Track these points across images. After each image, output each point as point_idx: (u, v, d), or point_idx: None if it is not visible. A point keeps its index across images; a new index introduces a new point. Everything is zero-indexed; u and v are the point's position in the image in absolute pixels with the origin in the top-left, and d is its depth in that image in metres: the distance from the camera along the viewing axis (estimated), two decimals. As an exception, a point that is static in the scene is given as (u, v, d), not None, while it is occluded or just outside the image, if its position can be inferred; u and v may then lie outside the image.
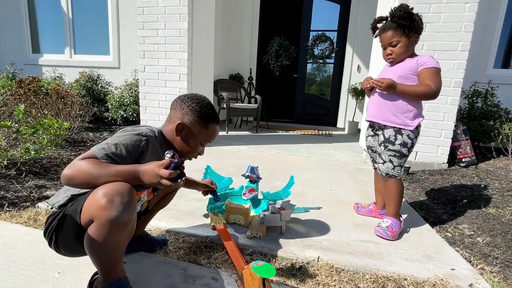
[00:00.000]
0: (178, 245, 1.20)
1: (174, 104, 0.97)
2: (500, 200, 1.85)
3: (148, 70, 3.14)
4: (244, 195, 1.49)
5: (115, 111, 3.80)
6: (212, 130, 0.99)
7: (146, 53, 3.11)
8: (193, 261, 1.10)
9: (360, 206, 1.64)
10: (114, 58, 4.51)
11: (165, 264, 1.06)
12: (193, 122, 0.94)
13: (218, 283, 0.98)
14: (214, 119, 0.98)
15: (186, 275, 1.00)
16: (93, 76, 4.11)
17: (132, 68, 4.31)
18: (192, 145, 0.97)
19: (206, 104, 0.97)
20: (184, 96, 0.98)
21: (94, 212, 0.71)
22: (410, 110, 1.32)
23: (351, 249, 1.24)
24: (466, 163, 2.61)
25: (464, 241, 1.42)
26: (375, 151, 1.48)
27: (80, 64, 4.60)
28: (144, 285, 0.93)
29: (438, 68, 1.27)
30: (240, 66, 5.55)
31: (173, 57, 3.04)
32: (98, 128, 3.86)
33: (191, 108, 0.94)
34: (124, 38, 4.43)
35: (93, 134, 3.42)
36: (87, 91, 3.99)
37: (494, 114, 2.90)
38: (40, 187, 1.77)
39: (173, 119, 0.96)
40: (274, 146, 3.34)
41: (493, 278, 1.11)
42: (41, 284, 0.91)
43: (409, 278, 1.06)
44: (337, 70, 5.38)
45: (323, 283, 1.01)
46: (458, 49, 2.35)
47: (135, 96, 3.69)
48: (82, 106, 3.27)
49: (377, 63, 2.74)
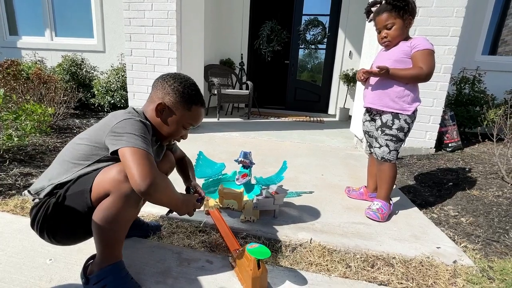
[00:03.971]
0: (171, 230, 1.20)
1: (156, 83, 0.92)
2: (483, 182, 1.93)
3: (135, 54, 3.02)
4: (237, 180, 1.49)
5: (102, 97, 3.67)
6: (196, 113, 0.93)
7: (132, 36, 2.98)
8: (187, 245, 1.10)
9: (351, 190, 1.67)
10: (98, 41, 4.31)
11: (159, 249, 1.06)
12: (174, 103, 0.89)
13: (213, 265, 0.99)
14: (198, 101, 0.93)
15: (181, 259, 1.01)
16: (77, 60, 3.94)
17: (118, 52, 4.14)
18: (174, 128, 0.92)
19: (190, 84, 0.92)
20: (166, 75, 0.93)
21: (111, 186, 0.73)
22: (408, 95, 1.33)
23: (343, 231, 1.27)
24: (452, 148, 2.69)
25: (449, 221, 1.48)
26: (372, 136, 1.50)
27: (62, 48, 4.37)
28: (138, 269, 0.93)
29: (431, 50, 1.27)
30: (231, 51, 5.42)
31: (161, 40, 2.92)
32: (85, 114, 3.74)
33: (173, 87, 0.89)
34: (109, 20, 4.22)
35: (79, 121, 3.31)
36: (71, 76, 3.82)
37: (481, 100, 2.97)
38: (25, 175, 1.71)
39: (153, 99, 0.90)
40: (266, 133, 3.33)
41: (475, 255, 1.17)
42: (32, 271, 0.90)
43: (398, 256, 1.10)
44: (329, 56, 5.34)
45: (315, 263, 1.04)
46: (449, 35, 2.36)
47: (123, 82, 3.57)
48: (67, 92, 3.14)
49: (370, 49, 2.72)
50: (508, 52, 4.28)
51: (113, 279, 0.78)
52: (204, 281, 0.91)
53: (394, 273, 1.01)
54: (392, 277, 0.99)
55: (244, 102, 4.39)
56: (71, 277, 0.88)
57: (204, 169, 1.60)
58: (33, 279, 0.87)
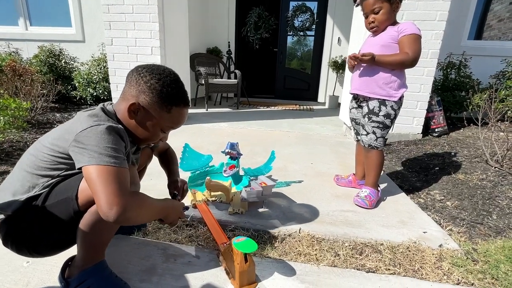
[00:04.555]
0: (157, 225, 1.16)
1: (130, 76, 0.78)
2: (468, 166, 1.97)
3: (116, 43, 2.88)
4: (224, 172, 1.46)
5: (84, 89, 3.52)
6: (177, 114, 0.80)
7: (112, 24, 2.83)
8: (174, 240, 1.07)
9: (340, 178, 1.67)
10: (77, 30, 4.10)
11: (144, 245, 1.03)
12: (151, 103, 0.76)
13: (200, 260, 0.97)
14: (179, 101, 0.79)
15: (167, 255, 0.98)
16: (55, 51, 3.73)
17: (98, 41, 3.94)
18: (151, 131, 0.80)
19: (171, 81, 0.78)
20: (142, 67, 0.78)
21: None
22: (394, 81, 1.31)
23: (331, 219, 1.27)
24: (438, 133, 2.73)
25: (435, 205, 1.50)
26: (359, 123, 1.48)
27: (38, 38, 4.13)
28: (122, 268, 0.90)
29: (418, 35, 1.25)
30: (218, 39, 5.27)
31: (143, 28, 2.79)
32: (66, 108, 3.59)
33: (149, 85, 0.75)
34: (86, 6, 3.99)
35: (60, 115, 3.17)
36: (49, 67, 3.63)
37: (466, 85, 3.00)
38: (2, 173, 1.63)
39: (126, 96, 0.78)
40: (255, 122, 3.29)
41: (460, 238, 1.19)
42: (8, 275, 0.85)
43: (385, 243, 1.11)
44: (317, 43, 5.27)
45: (304, 253, 1.03)
46: (436, 19, 2.34)
47: (105, 73, 3.42)
48: (45, 85, 2.98)
49: (358, 36, 2.68)
50: (493, 36, 4.33)
51: (96, 280, 0.75)
52: (191, 277, 0.89)
53: (382, 260, 1.01)
54: (380, 263, 0.99)
55: (232, 91, 4.30)
56: (50, 279, 0.85)
57: (191, 161, 1.56)
58: (8, 284, 0.82)
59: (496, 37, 4.28)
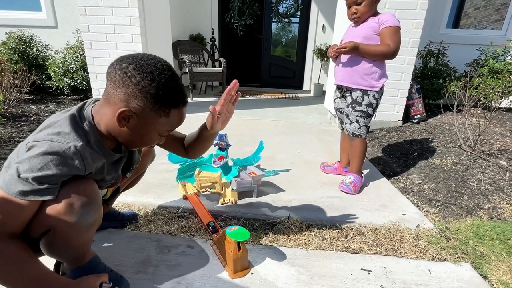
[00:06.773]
0: (149, 218, 1.17)
1: (113, 75, 0.62)
2: (444, 151, 2.10)
3: (93, 30, 2.74)
4: (214, 163, 1.48)
5: (60, 79, 3.33)
6: (176, 116, 0.69)
7: (88, 9, 2.67)
8: (167, 232, 1.09)
9: (326, 165, 1.73)
10: (48, 15, 3.83)
11: (137, 238, 1.04)
12: (145, 109, 0.64)
13: (194, 250, 1.00)
14: (178, 101, 0.67)
15: (161, 246, 1.00)
16: (25, 38, 3.48)
17: (73, 27, 3.71)
18: (146, 138, 0.71)
19: (166, 80, 0.64)
20: (126, 62, 0.62)
21: (51, 222, 0.60)
22: (375, 71, 1.36)
23: (318, 205, 1.33)
24: (417, 120, 2.86)
25: (413, 189, 1.60)
26: (343, 113, 1.53)
27: (4, 23, 3.82)
28: (117, 261, 0.91)
29: (398, 27, 1.29)
30: (201, 26, 5.11)
31: (121, 14, 2.66)
32: (42, 99, 3.40)
33: (140, 87, 0.61)
34: (57, -11, 3.72)
35: (36, 106, 3.01)
36: (20, 56, 3.39)
37: (444, 73, 3.13)
38: (-22, 171, 1.55)
39: (112, 99, 0.64)
40: (242, 112, 3.28)
41: (435, 218, 1.29)
42: None
43: (368, 225, 1.18)
44: (302, 30, 5.24)
45: (294, 238, 1.09)
46: (417, 8, 2.40)
47: (82, 61, 3.25)
48: (17, 74, 2.80)
49: (342, 23, 2.70)
50: (469, 24, 4.49)
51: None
52: (185, 266, 0.91)
53: (365, 241, 1.09)
54: (363, 245, 1.07)
55: (217, 80, 4.24)
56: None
57: (179, 153, 1.56)
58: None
59: (472, 25, 4.44)
